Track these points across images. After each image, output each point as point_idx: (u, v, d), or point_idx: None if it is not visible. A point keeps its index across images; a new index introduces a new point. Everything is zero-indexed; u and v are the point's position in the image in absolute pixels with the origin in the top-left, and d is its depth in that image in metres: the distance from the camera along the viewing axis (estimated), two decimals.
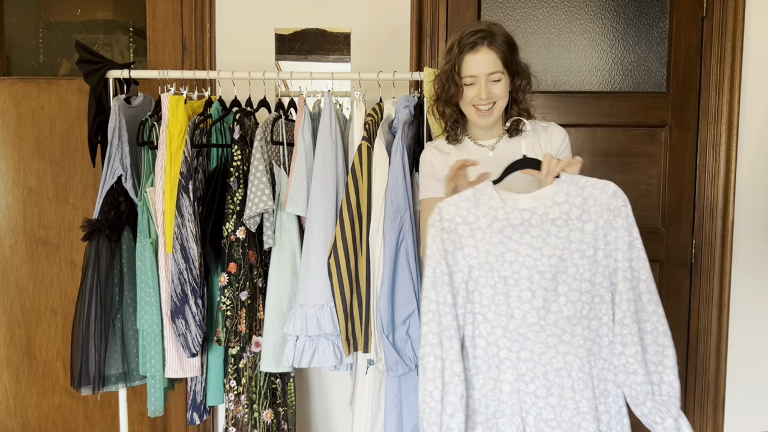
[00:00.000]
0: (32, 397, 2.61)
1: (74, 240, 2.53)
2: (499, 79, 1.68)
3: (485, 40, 1.65)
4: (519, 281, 1.48)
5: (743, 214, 2.29)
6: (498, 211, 1.49)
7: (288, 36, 2.36)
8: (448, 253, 1.48)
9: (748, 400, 2.35)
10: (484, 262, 1.48)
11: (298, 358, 1.87)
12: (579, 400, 1.48)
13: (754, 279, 2.31)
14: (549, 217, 1.47)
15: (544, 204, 1.49)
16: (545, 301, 1.47)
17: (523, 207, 1.49)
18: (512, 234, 1.48)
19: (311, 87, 1.99)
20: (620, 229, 1.47)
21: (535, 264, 1.47)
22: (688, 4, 2.27)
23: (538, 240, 1.47)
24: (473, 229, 1.48)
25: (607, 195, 1.48)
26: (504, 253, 1.48)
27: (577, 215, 1.47)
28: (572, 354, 1.48)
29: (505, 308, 1.48)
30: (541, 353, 1.48)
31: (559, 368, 1.48)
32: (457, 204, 1.49)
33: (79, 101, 2.49)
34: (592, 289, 1.48)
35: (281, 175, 1.95)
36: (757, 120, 2.26)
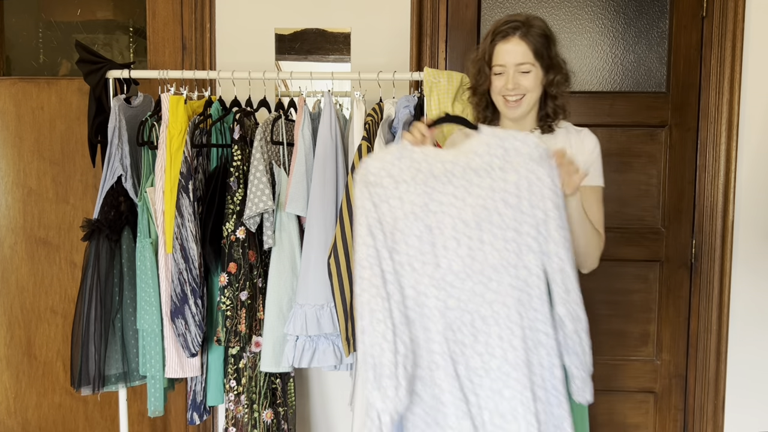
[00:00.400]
0: (32, 397, 2.61)
1: (74, 240, 2.53)
2: (529, 71, 1.64)
3: (518, 30, 1.63)
4: (444, 230, 1.49)
5: (743, 214, 2.29)
6: (421, 163, 1.51)
7: (288, 36, 2.36)
8: (375, 206, 1.50)
9: (748, 400, 2.35)
10: (409, 213, 1.50)
11: (298, 358, 1.87)
12: (506, 349, 1.47)
13: (755, 279, 2.31)
14: (471, 168, 1.50)
15: (466, 155, 1.51)
16: (470, 249, 1.48)
17: (445, 159, 1.51)
18: (435, 184, 1.50)
19: (311, 87, 1.99)
20: (545, 178, 1.49)
21: (459, 213, 1.49)
22: (688, 4, 2.27)
23: (461, 190, 1.49)
24: (397, 182, 1.50)
25: (528, 146, 1.50)
26: (428, 203, 1.49)
27: (499, 165, 1.50)
28: (499, 302, 1.48)
29: (431, 257, 1.49)
30: (467, 301, 1.48)
31: (486, 316, 1.48)
32: (381, 158, 1.52)
33: (79, 101, 2.49)
34: (518, 238, 1.49)
35: (281, 175, 1.95)
36: (757, 120, 2.26)
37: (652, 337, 2.38)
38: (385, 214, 1.50)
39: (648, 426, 2.42)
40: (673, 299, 2.36)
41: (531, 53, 1.63)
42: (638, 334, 2.36)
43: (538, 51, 1.64)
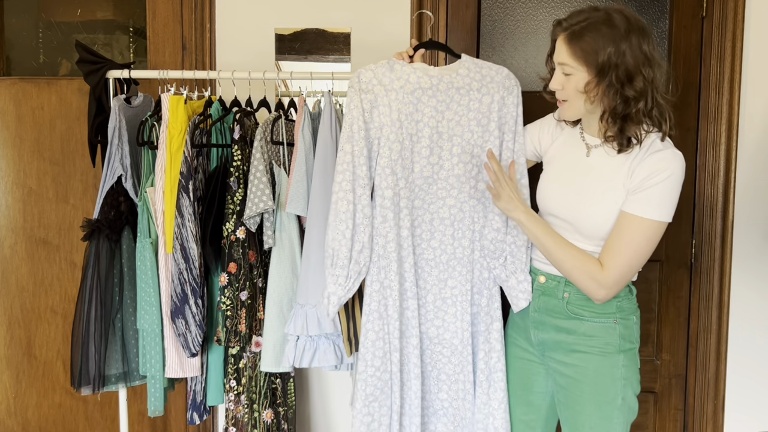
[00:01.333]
0: (32, 397, 2.61)
1: (74, 240, 2.53)
2: (570, 74, 1.52)
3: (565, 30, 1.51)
4: (421, 138, 1.70)
5: (743, 213, 2.29)
6: (410, 75, 1.70)
7: (288, 36, 2.36)
8: (365, 111, 1.69)
9: (748, 400, 2.35)
10: (395, 120, 1.69)
11: (299, 358, 1.87)
12: (456, 247, 1.73)
13: (755, 279, 2.31)
14: (454, 86, 1.71)
15: (450, 74, 1.72)
16: (440, 158, 1.71)
17: (433, 74, 1.71)
18: (421, 96, 1.70)
19: (311, 87, 1.99)
20: (510, 105, 1.73)
21: (437, 125, 1.70)
22: (688, 4, 2.27)
23: (442, 104, 1.70)
24: (387, 90, 1.69)
25: (501, 76, 1.74)
26: (413, 112, 1.70)
27: (477, 88, 1.72)
28: (456, 207, 1.73)
29: (408, 162, 1.70)
30: (430, 203, 1.72)
31: (444, 218, 1.73)
32: (373, 70, 1.71)
33: (79, 101, 2.49)
34: (482, 155, 1.72)
35: (281, 175, 1.95)
36: (757, 120, 2.26)
37: (652, 336, 2.38)
38: (374, 119, 1.70)
39: (648, 426, 2.42)
40: (673, 299, 2.36)
41: (570, 54, 1.49)
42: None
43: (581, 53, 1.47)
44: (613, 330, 1.63)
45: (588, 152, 1.63)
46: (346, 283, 1.70)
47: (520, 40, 2.34)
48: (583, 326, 1.63)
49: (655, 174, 1.50)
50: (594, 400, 1.62)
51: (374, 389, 1.73)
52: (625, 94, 1.48)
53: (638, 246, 1.53)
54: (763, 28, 2.24)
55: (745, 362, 2.34)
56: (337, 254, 1.68)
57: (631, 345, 1.66)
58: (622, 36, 1.45)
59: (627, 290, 1.67)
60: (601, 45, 1.45)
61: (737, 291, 2.31)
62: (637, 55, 1.46)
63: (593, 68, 1.48)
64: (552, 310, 1.68)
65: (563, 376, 1.68)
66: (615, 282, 1.56)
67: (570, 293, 1.65)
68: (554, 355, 1.69)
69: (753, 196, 2.29)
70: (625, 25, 1.45)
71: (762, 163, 2.28)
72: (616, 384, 1.62)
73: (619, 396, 1.62)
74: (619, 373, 1.62)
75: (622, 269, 1.54)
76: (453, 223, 1.73)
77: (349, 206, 1.68)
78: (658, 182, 1.49)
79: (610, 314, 1.63)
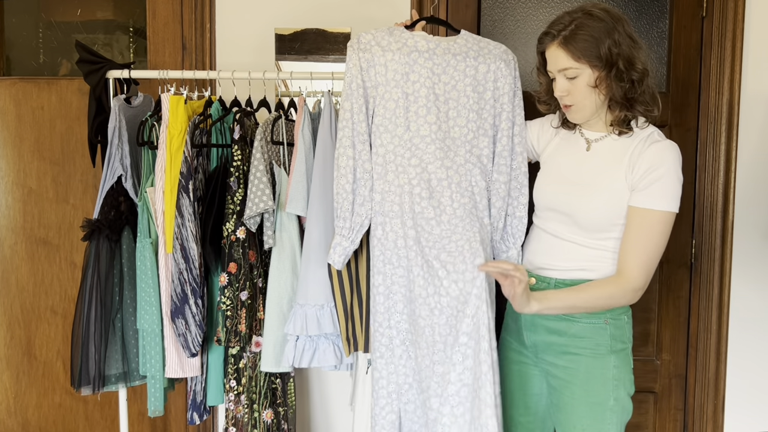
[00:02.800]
0: (32, 397, 2.61)
1: (74, 240, 2.53)
2: (575, 76, 1.57)
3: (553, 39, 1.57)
4: (418, 99, 1.73)
5: (743, 214, 2.29)
6: (408, 39, 1.76)
7: (288, 36, 2.36)
8: (362, 70, 1.73)
9: (748, 400, 2.35)
10: (390, 79, 1.73)
11: (298, 358, 1.87)
12: (456, 207, 1.73)
13: (754, 279, 2.31)
14: (451, 51, 1.75)
15: (448, 42, 1.76)
16: (437, 118, 1.73)
17: (430, 39, 1.75)
18: (418, 58, 1.73)
19: (311, 87, 1.99)
20: (508, 77, 1.77)
21: (433, 86, 1.73)
22: (688, 4, 2.27)
23: (439, 67, 1.74)
24: (384, 50, 1.74)
25: (499, 50, 1.79)
26: (408, 73, 1.73)
27: (474, 56, 1.75)
28: (453, 169, 1.73)
29: (403, 120, 1.73)
30: (428, 162, 1.73)
31: (441, 178, 1.73)
32: (373, 34, 1.77)
33: (79, 101, 2.49)
34: (478, 120, 1.76)
35: (281, 175, 1.95)
36: (757, 120, 2.26)
37: (652, 336, 2.38)
38: (370, 78, 1.74)
39: (648, 426, 2.42)
40: (673, 299, 2.36)
41: (571, 58, 1.55)
42: (638, 334, 2.36)
43: (583, 53, 1.53)
44: (604, 330, 1.62)
45: (588, 146, 1.67)
46: (350, 234, 1.76)
47: (520, 40, 2.34)
48: (574, 327, 1.63)
49: (655, 167, 1.54)
50: (585, 402, 1.63)
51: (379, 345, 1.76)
52: (632, 77, 1.55)
53: (654, 239, 1.56)
54: (763, 28, 2.24)
55: (745, 362, 2.34)
56: (342, 206, 1.75)
57: (622, 345, 1.65)
58: (611, 27, 1.53)
59: None
60: (597, 39, 1.52)
61: (737, 291, 2.31)
62: (627, 40, 1.54)
63: (598, 63, 1.53)
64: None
65: (555, 378, 1.68)
66: (642, 282, 1.57)
67: None
68: (546, 357, 1.69)
69: (753, 196, 2.29)
70: (607, 17, 1.53)
71: (762, 163, 2.28)
72: (607, 385, 1.62)
73: (611, 397, 1.62)
74: (611, 374, 1.62)
75: (646, 266, 1.56)
76: (450, 185, 1.73)
77: (349, 161, 1.74)
78: (663, 174, 1.54)
79: (600, 315, 1.63)
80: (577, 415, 1.64)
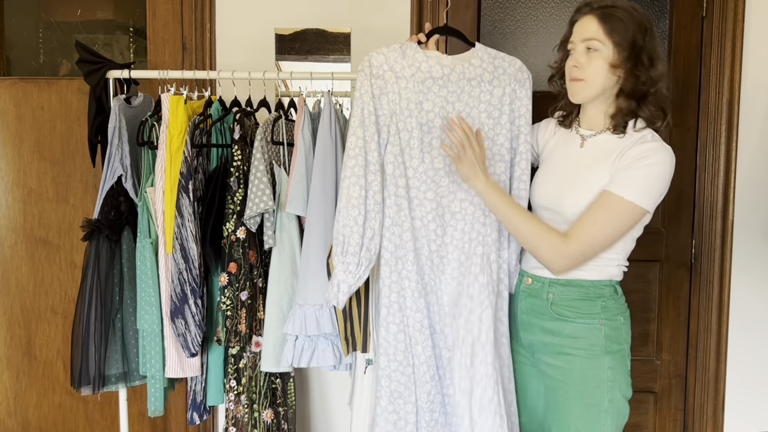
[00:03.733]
0: (32, 397, 2.61)
1: (74, 240, 2.53)
2: (597, 49, 1.55)
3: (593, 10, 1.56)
4: (432, 129, 1.67)
5: (743, 214, 2.29)
6: (422, 63, 1.67)
7: (288, 36, 2.36)
8: (374, 97, 1.65)
9: (748, 400, 2.35)
10: (404, 108, 1.66)
11: (297, 358, 1.87)
12: (468, 241, 1.69)
13: (754, 279, 2.31)
14: (465, 77, 1.68)
15: (462, 64, 1.69)
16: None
17: (445, 63, 1.68)
18: (432, 86, 1.67)
19: (311, 87, 1.99)
20: (524, 98, 1.71)
21: (447, 116, 1.67)
22: (688, 4, 2.27)
23: (453, 95, 1.68)
24: (398, 77, 1.66)
25: (514, 68, 1.72)
26: (422, 102, 1.67)
27: (489, 80, 1.69)
28: (468, 201, 1.69)
29: (417, 152, 1.67)
30: (442, 196, 1.68)
31: (455, 212, 1.69)
32: (385, 54, 1.67)
33: (79, 101, 2.49)
34: (492, 147, 1.70)
35: (281, 175, 1.95)
36: (757, 120, 2.26)
37: (652, 336, 2.38)
38: (383, 106, 1.66)
39: (648, 426, 2.42)
40: (673, 299, 2.36)
41: (602, 30, 1.54)
42: (638, 334, 2.36)
43: (614, 30, 1.53)
44: (599, 331, 1.62)
45: (582, 143, 1.66)
46: (357, 270, 1.65)
47: (520, 40, 2.34)
48: (568, 327, 1.63)
49: (643, 158, 1.53)
50: (580, 403, 1.62)
51: (398, 385, 1.70)
52: (650, 74, 1.56)
53: (609, 224, 1.55)
54: (763, 28, 2.24)
55: (745, 362, 2.34)
56: (348, 241, 1.64)
57: (618, 346, 1.64)
58: (645, 25, 1.56)
59: (612, 290, 1.65)
60: (631, 26, 1.54)
61: (737, 291, 2.31)
62: (653, 44, 1.57)
63: (623, 45, 1.54)
64: (538, 312, 1.68)
65: (550, 378, 1.68)
66: (577, 253, 1.56)
67: (554, 294, 1.65)
68: (542, 357, 1.69)
69: (753, 196, 2.29)
70: (644, 17, 1.57)
71: (762, 163, 2.28)
72: (602, 386, 1.61)
73: (606, 398, 1.61)
74: (606, 375, 1.61)
75: (587, 242, 1.56)
76: (464, 218, 1.69)
77: (361, 192, 1.64)
78: (644, 166, 1.52)
79: (594, 315, 1.62)
80: (572, 415, 1.63)
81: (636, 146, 1.55)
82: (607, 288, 1.64)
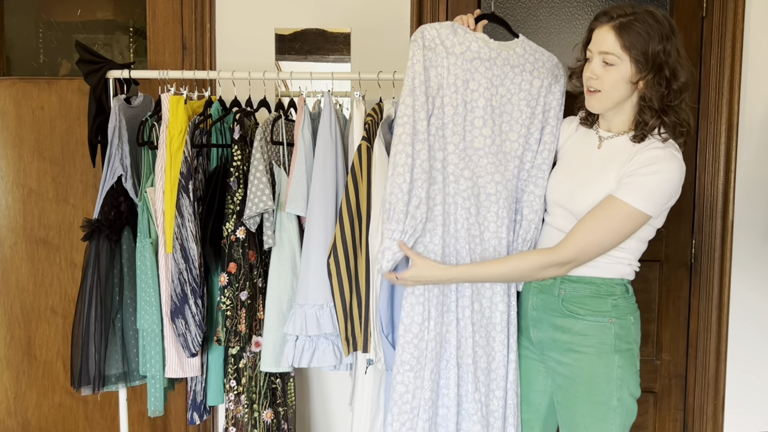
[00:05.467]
0: (32, 397, 2.61)
1: (74, 240, 2.53)
2: (613, 63, 1.53)
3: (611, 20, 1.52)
4: (475, 108, 1.69)
5: (743, 214, 2.29)
6: (472, 43, 1.69)
7: (288, 36, 2.36)
8: (426, 68, 1.66)
9: (748, 400, 2.35)
10: (451, 84, 1.68)
11: (298, 358, 1.87)
12: (500, 225, 1.71)
13: (754, 279, 2.31)
14: (509, 63, 1.71)
15: (507, 51, 1.72)
16: (492, 131, 1.69)
17: (493, 47, 1.71)
18: (479, 66, 1.69)
19: (311, 87, 1.99)
20: (557, 93, 1.76)
21: (491, 98, 1.69)
22: (688, 4, 2.27)
23: (497, 79, 1.70)
24: (449, 53, 1.68)
25: (552, 63, 1.77)
26: (469, 80, 1.68)
27: (530, 70, 1.73)
28: (502, 184, 1.71)
29: (460, 128, 1.68)
30: (479, 176, 1.69)
31: (490, 193, 1.70)
32: (437, 29, 1.69)
33: (80, 101, 2.49)
34: (527, 134, 1.73)
35: (281, 175, 1.95)
36: (757, 120, 2.26)
37: (652, 336, 2.38)
38: (431, 78, 1.67)
39: (648, 426, 2.42)
40: (673, 299, 2.36)
41: (619, 44, 1.51)
42: None
43: (633, 44, 1.50)
44: (609, 329, 1.62)
45: (600, 144, 1.65)
46: (401, 237, 1.64)
47: None
48: (579, 324, 1.63)
49: (649, 164, 1.51)
50: (588, 400, 1.62)
51: (410, 357, 1.69)
52: (671, 86, 1.52)
53: (606, 227, 1.54)
54: (763, 28, 2.24)
55: (745, 362, 2.34)
56: (394, 208, 1.62)
57: (627, 345, 1.65)
58: (667, 33, 1.51)
59: (623, 289, 1.65)
60: (651, 38, 1.49)
61: (737, 291, 2.31)
62: (676, 53, 1.52)
63: (641, 60, 1.50)
64: (549, 308, 1.68)
65: (560, 376, 1.68)
66: (571, 257, 1.57)
67: (566, 290, 1.65)
68: (552, 354, 1.69)
69: (753, 196, 2.29)
70: (667, 23, 1.52)
71: (762, 163, 2.28)
72: (611, 384, 1.61)
73: (615, 397, 1.61)
74: (615, 373, 1.61)
75: (582, 246, 1.56)
76: (498, 201, 1.70)
77: (407, 159, 1.62)
78: (649, 173, 1.51)
79: (605, 313, 1.62)
80: (580, 413, 1.64)
81: (644, 152, 1.54)
82: (618, 286, 1.64)
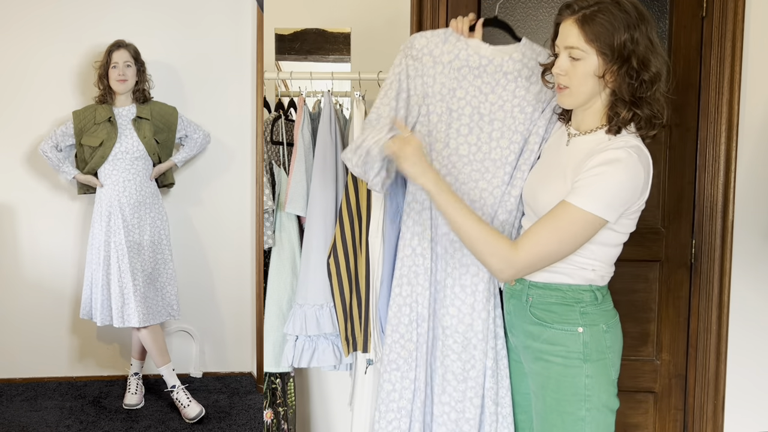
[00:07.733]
0: None
1: None
2: (579, 58, 1.44)
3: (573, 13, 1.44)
4: (461, 117, 1.69)
5: (743, 214, 2.29)
6: (461, 51, 1.70)
7: (288, 36, 2.36)
8: (410, 77, 1.70)
9: (748, 400, 2.35)
10: (437, 92, 1.70)
11: (298, 358, 1.87)
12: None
13: (754, 279, 2.31)
14: (502, 70, 1.69)
15: (502, 57, 1.69)
16: (479, 139, 1.68)
17: (484, 54, 1.70)
18: (467, 74, 1.69)
19: (311, 87, 1.99)
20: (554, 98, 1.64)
21: (479, 105, 1.69)
22: (688, 4, 2.26)
23: (487, 86, 1.69)
24: (436, 62, 1.69)
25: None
26: (456, 89, 1.69)
27: (527, 75, 1.68)
28: (487, 191, 1.69)
29: (443, 136, 1.70)
30: (462, 183, 1.69)
31: (474, 200, 1.69)
32: (428, 38, 1.71)
33: None
34: (521, 142, 1.69)
35: (281, 175, 1.95)
36: (757, 120, 2.26)
37: (652, 336, 2.38)
38: (417, 87, 1.71)
39: (648, 426, 2.42)
40: (673, 299, 2.36)
41: (583, 37, 1.42)
42: (638, 334, 2.36)
43: (597, 37, 1.41)
44: (577, 338, 1.53)
45: (568, 141, 1.57)
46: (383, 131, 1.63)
47: None
48: (546, 332, 1.56)
49: (604, 165, 1.41)
50: (557, 410, 1.55)
51: (397, 357, 1.70)
52: (642, 77, 1.44)
53: (558, 234, 1.44)
54: (763, 28, 2.24)
55: (745, 362, 2.34)
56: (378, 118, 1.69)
57: (599, 355, 1.54)
58: (634, 22, 1.42)
59: (592, 296, 1.55)
60: (615, 29, 1.41)
61: (737, 291, 2.31)
62: (646, 41, 1.44)
63: (607, 53, 1.42)
64: (520, 314, 1.63)
65: (533, 383, 1.63)
66: (525, 265, 1.47)
67: (533, 297, 1.58)
68: (526, 361, 1.65)
69: (753, 196, 2.29)
70: (634, 11, 1.43)
71: (762, 163, 2.28)
72: (578, 395, 1.53)
73: (583, 407, 1.52)
74: (582, 383, 1.52)
75: (536, 253, 1.46)
76: (482, 207, 1.69)
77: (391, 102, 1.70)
78: (601, 173, 1.40)
79: (573, 321, 1.54)
80: (550, 423, 1.57)
81: (600, 153, 1.44)
82: (586, 293, 1.54)
